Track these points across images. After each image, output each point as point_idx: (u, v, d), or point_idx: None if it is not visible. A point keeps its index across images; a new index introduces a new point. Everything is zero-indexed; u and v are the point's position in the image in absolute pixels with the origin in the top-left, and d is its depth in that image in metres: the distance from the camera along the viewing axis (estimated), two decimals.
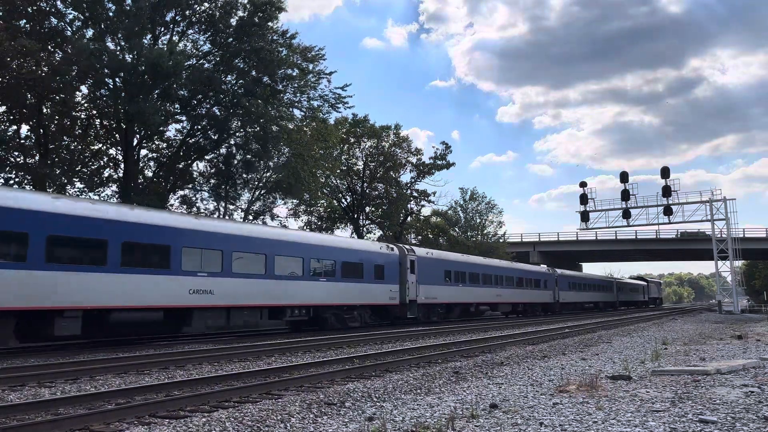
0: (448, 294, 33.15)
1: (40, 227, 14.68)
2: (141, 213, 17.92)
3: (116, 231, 16.40)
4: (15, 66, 25.61)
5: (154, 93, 28.54)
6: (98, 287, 15.71)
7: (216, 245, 19.19)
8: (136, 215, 17.41)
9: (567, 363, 12.98)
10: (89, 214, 15.97)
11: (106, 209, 16.79)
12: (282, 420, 7.02)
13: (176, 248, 17.87)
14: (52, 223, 14.98)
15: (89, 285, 15.54)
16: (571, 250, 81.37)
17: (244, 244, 20.30)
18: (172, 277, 17.67)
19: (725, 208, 52.43)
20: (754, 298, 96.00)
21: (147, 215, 17.95)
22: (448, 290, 33.15)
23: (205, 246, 18.83)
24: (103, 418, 7.02)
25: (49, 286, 14.75)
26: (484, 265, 38.23)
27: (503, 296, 39.68)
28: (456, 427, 6.50)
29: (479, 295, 36.61)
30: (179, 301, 17.78)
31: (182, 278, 17.91)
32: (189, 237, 18.39)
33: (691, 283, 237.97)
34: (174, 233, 17.96)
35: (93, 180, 31.03)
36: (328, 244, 25.24)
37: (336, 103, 36.41)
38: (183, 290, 17.89)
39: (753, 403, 7.62)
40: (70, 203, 16.30)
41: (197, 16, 31.11)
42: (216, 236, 19.30)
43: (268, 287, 20.95)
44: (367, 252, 26.92)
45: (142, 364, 12.26)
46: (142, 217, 17.53)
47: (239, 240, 20.17)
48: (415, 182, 55.11)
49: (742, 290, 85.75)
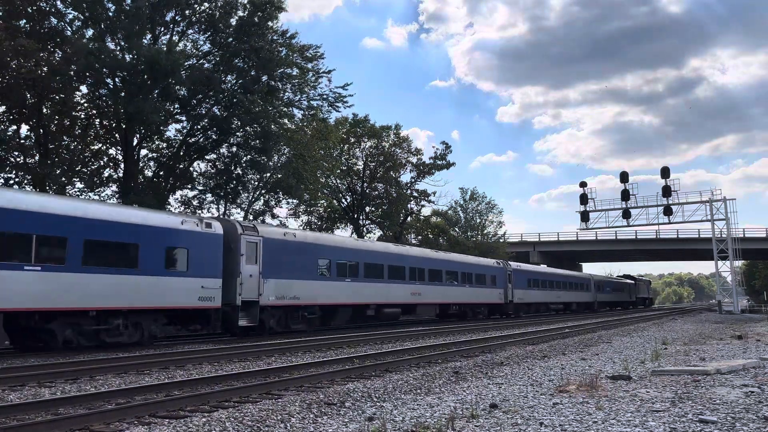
0: (324, 292, 23.68)
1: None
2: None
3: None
4: (15, 66, 25.61)
5: (154, 93, 28.54)
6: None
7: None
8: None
9: (567, 363, 12.98)
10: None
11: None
12: (282, 420, 7.02)
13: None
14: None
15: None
16: (571, 250, 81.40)
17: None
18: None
19: (725, 208, 52.46)
20: (754, 298, 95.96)
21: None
22: (324, 287, 23.74)
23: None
24: (103, 418, 7.02)
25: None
26: (391, 254, 28.91)
27: (425, 295, 30.65)
28: (456, 427, 6.50)
29: (381, 294, 27.21)
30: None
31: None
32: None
33: (691, 283, 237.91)
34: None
35: (93, 180, 31.03)
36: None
37: (336, 103, 36.40)
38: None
39: (753, 403, 7.62)
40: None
41: (197, 16, 31.10)
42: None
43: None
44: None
45: (142, 364, 12.26)
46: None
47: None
48: (415, 182, 55.18)
49: (742, 290, 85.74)
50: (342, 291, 24.86)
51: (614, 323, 30.63)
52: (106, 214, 16.37)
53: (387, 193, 52.31)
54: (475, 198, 63.98)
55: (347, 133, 49.65)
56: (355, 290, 25.52)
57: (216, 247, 19.22)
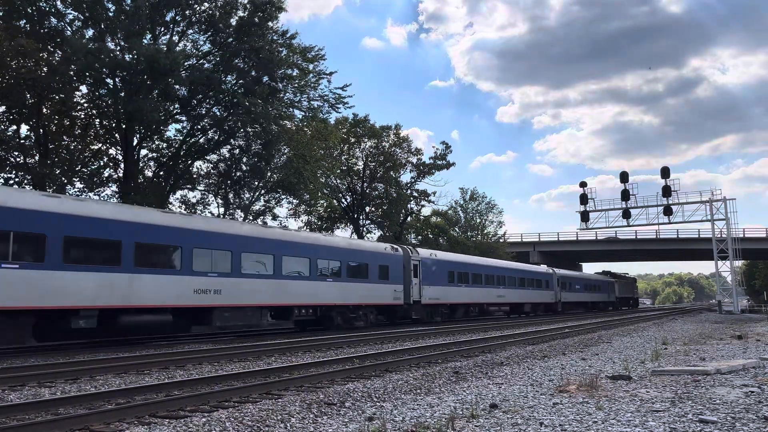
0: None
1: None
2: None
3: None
4: (15, 66, 25.61)
5: (154, 92, 28.54)
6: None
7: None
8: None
9: (567, 363, 12.98)
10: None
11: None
12: (282, 420, 7.02)
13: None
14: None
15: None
16: (571, 250, 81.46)
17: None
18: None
19: (725, 208, 52.45)
20: (754, 298, 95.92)
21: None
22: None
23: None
24: (103, 418, 7.02)
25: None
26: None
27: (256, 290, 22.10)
28: (456, 427, 6.50)
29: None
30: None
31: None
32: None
33: (691, 283, 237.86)
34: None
35: (93, 180, 31.02)
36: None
37: (336, 104, 36.42)
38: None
39: (753, 403, 7.62)
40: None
41: (197, 16, 31.09)
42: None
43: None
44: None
45: (142, 364, 12.26)
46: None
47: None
48: (415, 182, 55.20)
49: (742, 290, 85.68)
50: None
51: (614, 323, 30.66)
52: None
53: (387, 193, 52.32)
54: (475, 198, 64.04)
55: (347, 133, 49.67)
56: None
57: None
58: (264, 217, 37.00)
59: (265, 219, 36.99)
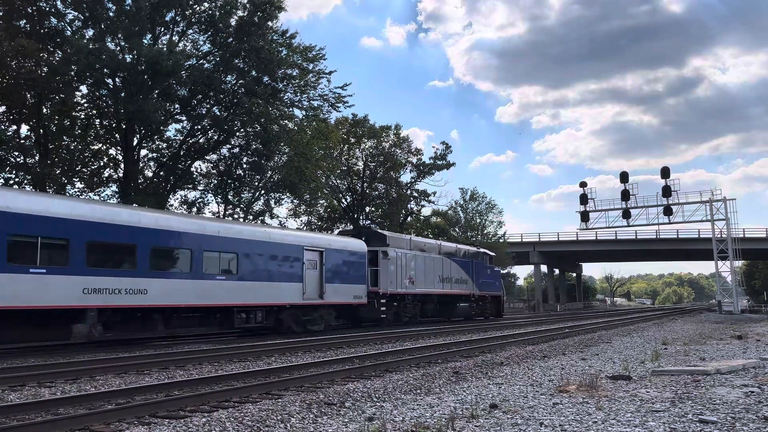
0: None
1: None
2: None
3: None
4: (15, 66, 25.61)
5: (154, 93, 28.53)
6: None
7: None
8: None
9: (567, 363, 12.98)
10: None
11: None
12: (282, 420, 7.02)
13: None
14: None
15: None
16: (571, 250, 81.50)
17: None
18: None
19: (725, 208, 52.45)
20: (754, 298, 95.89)
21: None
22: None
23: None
24: (103, 418, 7.02)
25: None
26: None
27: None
28: (456, 427, 6.50)
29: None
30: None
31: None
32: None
33: (691, 283, 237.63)
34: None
35: (93, 180, 31.04)
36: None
37: (336, 103, 36.40)
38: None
39: (753, 403, 7.62)
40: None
41: (197, 16, 31.09)
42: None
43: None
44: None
45: (142, 364, 12.25)
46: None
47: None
48: (415, 182, 55.16)
49: (742, 290, 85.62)
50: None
51: (615, 323, 30.67)
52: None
53: (387, 193, 52.31)
54: (475, 198, 63.94)
55: (347, 134, 49.66)
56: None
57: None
58: (264, 217, 36.99)
59: (264, 219, 36.98)
